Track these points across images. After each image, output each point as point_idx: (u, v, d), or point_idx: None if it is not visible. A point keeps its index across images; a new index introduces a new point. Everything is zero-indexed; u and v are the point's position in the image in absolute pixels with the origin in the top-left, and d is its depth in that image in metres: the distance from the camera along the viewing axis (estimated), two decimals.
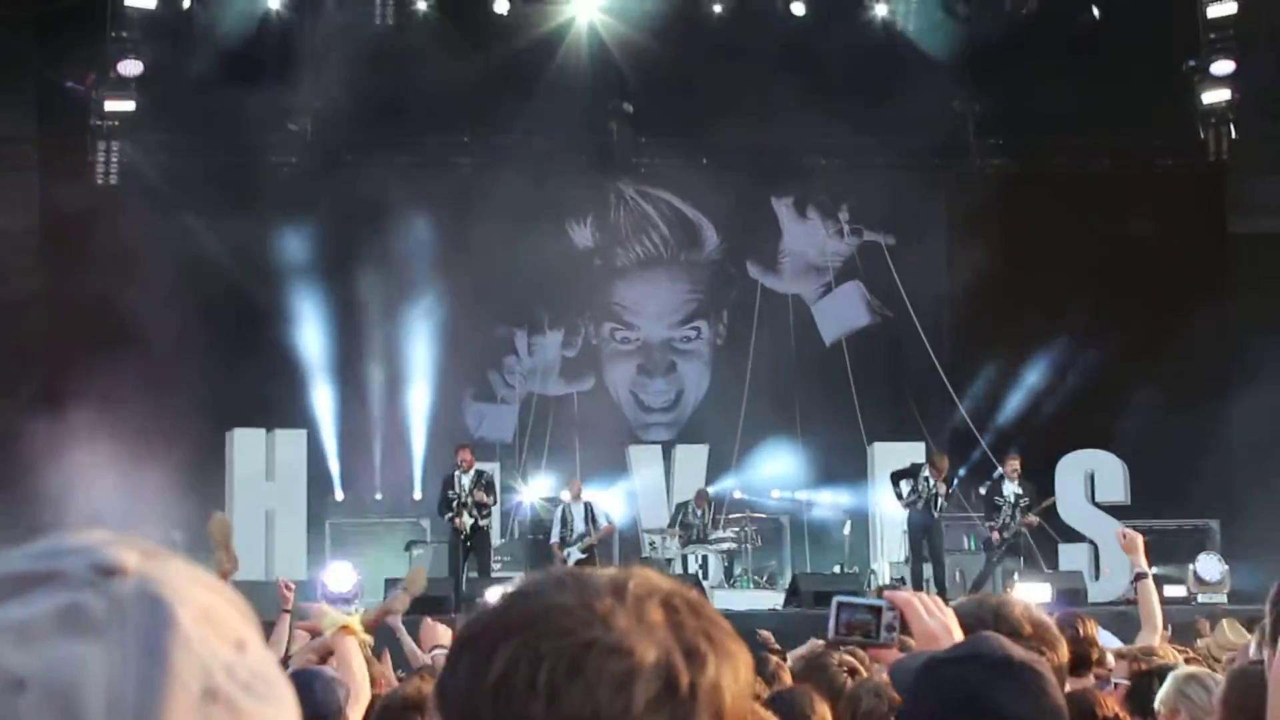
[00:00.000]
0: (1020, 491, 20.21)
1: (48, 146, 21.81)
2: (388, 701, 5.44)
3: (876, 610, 2.74)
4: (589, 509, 20.14)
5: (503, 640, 1.37)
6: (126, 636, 0.95)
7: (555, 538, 20.09)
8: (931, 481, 19.88)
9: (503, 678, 1.36)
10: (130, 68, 20.63)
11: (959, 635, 2.75)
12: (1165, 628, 8.53)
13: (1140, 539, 8.31)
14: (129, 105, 20.87)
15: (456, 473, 19.46)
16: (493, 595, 1.56)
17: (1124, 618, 10.68)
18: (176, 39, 20.97)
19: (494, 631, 1.39)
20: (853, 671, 5.88)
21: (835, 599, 2.78)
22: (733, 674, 1.38)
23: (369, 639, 7.47)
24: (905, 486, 19.99)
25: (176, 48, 20.95)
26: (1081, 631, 6.01)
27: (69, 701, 0.92)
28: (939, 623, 2.75)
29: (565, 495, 20.54)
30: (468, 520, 19.36)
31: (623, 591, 1.39)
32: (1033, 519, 20.11)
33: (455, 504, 19.30)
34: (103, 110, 20.93)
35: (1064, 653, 2.95)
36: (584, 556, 19.75)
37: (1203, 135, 22.51)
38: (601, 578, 1.43)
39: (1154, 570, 8.54)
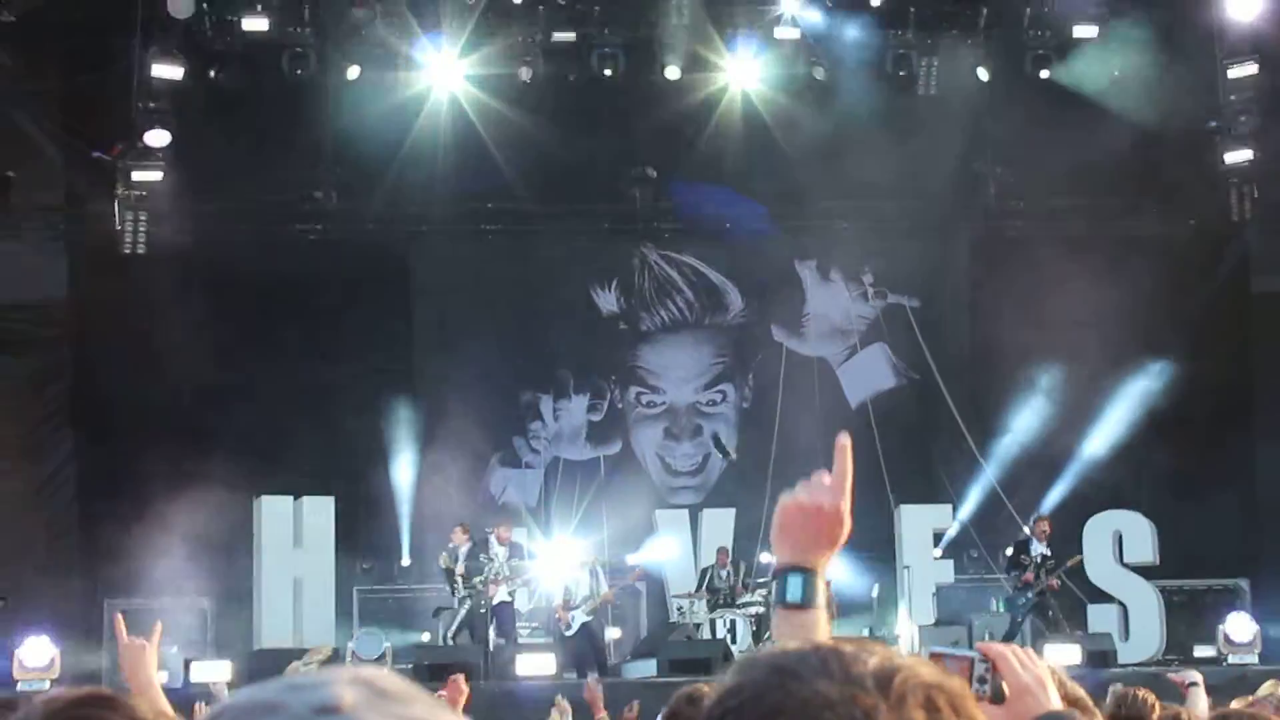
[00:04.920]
0: (1047, 553, 20.20)
1: (75, 217, 21.89)
2: None
3: (969, 661, 2.73)
4: (594, 574, 20.20)
5: None
6: None
7: (560, 599, 20.11)
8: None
9: None
10: (157, 138, 20.71)
11: (1053, 689, 2.75)
12: None
13: (1198, 679, 8.29)
14: (156, 175, 20.96)
15: (491, 539, 19.53)
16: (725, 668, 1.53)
17: (1155, 681, 10.61)
18: (204, 109, 21.10)
19: (756, 714, 1.40)
20: None
21: (929, 649, 2.78)
22: None
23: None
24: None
25: (203, 118, 21.09)
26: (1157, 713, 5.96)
27: None
28: (1032, 676, 2.74)
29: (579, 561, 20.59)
30: (504, 590, 19.40)
31: (887, 686, 1.40)
32: (1054, 582, 20.04)
33: (489, 572, 19.33)
34: (130, 180, 21.03)
35: None
36: (588, 619, 19.83)
37: (1226, 195, 22.52)
38: (867, 664, 1.42)
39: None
